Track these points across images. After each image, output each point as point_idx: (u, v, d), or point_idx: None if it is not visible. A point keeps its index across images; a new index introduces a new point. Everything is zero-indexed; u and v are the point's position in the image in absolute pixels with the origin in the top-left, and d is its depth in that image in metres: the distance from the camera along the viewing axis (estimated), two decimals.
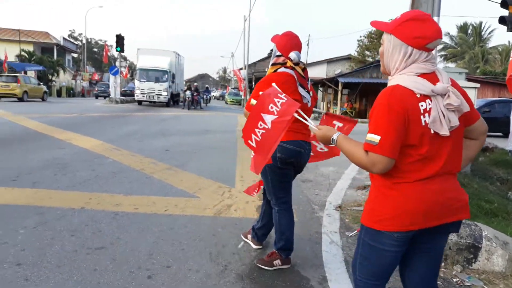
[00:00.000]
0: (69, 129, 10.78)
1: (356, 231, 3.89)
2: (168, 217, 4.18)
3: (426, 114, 1.61)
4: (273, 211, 3.17)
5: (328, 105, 31.61)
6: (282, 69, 2.97)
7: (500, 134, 15.59)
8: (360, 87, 25.26)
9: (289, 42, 3.01)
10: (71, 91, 45.15)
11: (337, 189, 5.80)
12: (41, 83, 29.41)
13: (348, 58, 36.69)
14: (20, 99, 24.44)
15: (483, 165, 9.26)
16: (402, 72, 1.68)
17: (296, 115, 2.25)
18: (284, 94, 2.38)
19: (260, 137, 2.35)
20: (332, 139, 1.84)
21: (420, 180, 1.66)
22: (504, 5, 8.77)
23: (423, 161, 1.65)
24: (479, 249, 3.29)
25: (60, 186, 5.14)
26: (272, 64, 3.08)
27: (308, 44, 39.38)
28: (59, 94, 41.38)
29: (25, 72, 33.18)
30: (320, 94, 36.00)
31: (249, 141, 2.38)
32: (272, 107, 2.32)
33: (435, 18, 4.10)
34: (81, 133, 10.06)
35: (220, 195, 5.11)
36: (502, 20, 8.86)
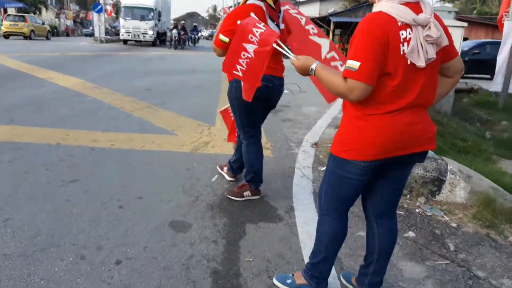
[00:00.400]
0: (50, 68, 10.53)
1: None
2: (144, 153, 4.22)
3: (406, 43, 1.59)
4: (242, 145, 3.22)
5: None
6: (251, 1, 2.88)
7: (488, 76, 15.57)
8: (352, 27, 24.69)
9: None
10: (55, 30, 43.49)
11: (316, 128, 5.85)
12: (45, 23, 30.62)
13: None
14: (27, 37, 25.54)
15: (466, 106, 9.36)
16: (387, 0, 1.64)
17: (275, 45, 2.21)
18: (262, 24, 2.34)
19: (245, 66, 2.35)
20: (311, 68, 1.79)
21: (391, 111, 1.66)
22: None
23: (396, 92, 1.64)
24: (443, 182, 3.41)
25: (38, 123, 5.12)
26: None
27: None
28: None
29: (5, 10, 31.80)
30: None
31: (234, 71, 2.37)
32: (252, 37, 2.28)
33: None
34: (62, 72, 9.86)
35: (199, 133, 5.14)
36: None
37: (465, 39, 22.87)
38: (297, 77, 2.35)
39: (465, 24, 7.42)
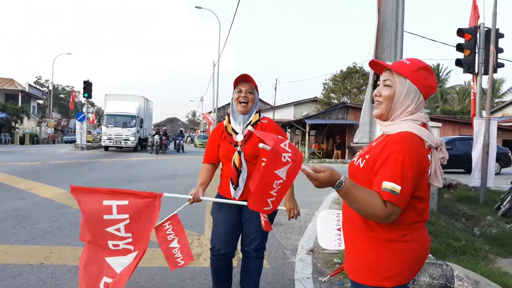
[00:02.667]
0: (30, 177, 10.38)
1: (328, 276, 3.81)
2: None
3: (429, 166, 1.61)
4: (255, 262, 3.00)
5: (297, 146, 32.03)
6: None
7: (462, 170, 16.13)
8: (326, 128, 25.83)
9: None
10: (35, 138, 43.93)
11: (308, 232, 5.73)
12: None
13: (314, 100, 37.70)
14: None
15: (448, 201, 9.47)
16: (406, 118, 1.63)
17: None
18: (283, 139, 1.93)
19: (276, 194, 1.86)
20: (340, 181, 1.52)
21: (419, 228, 1.66)
22: (459, 48, 9.34)
23: (422, 211, 1.65)
24: None
25: (18, 240, 4.85)
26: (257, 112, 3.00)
27: (275, 87, 40.30)
28: (22, 141, 40.15)
29: None
30: (288, 135, 36.51)
31: (265, 208, 1.87)
32: (285, 157, 1.82)
33: None
34: (43, 182, 9.69)
35: (189, 244, 4.93)
36: (458, 62, 9.41)
37: None
38: None
39: (440, 124, 7.85)
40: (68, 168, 13.77)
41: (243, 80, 2.86)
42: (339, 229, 2.29)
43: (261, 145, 1.68)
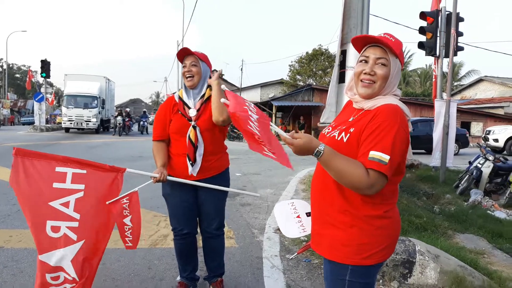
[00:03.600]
0: None
1: (296, 254, 3.87)
2: None
3: None
4: (214, 238, 3.00)
5: None
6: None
7: (423, 151, 16.70)
8: (292, 110, 26.01)
9: None
10: None
11: None
12: None
13: (280, 82, 37.74)
14: None
15: (410, 181, 9.78)
16: (391, 94, 1.66)
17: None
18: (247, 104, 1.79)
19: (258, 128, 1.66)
20: (318, 150, 1.49)
21: (395, 203, 1.68)
22: (421, 31, 9.52)
23: (397, 186, 1.68)
24: (413, 264, 3.39)
25: None
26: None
27: (241, 69, 40.05)
28: None
29: None
30: None
31: (249, 127, 1.64)
32: (248, 110, 1.71)
33: None
34: (1, 165, 9.26)
35: (156, 225, 4.89)
36: (421, 45, 9.61)
37: None
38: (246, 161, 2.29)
39: None
40: None
41: (185, 53, 2.77)
42: (298, 216, 2.30)
43: (222, 100, 1.63)
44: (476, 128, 27.88)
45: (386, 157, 1.47)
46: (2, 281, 3.17)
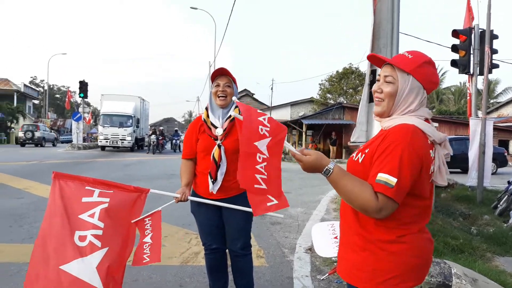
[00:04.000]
0: (27, 177, 10.33)
1: (327, 274, 3.82)
2: (131, 268, 3.93)
3: (433, 163, 1.53)
4: (240, 259, 3.00)
5: (294, 146, 32.12)
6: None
7: (459, 170, 16.21)
8: (323, 128, 25.88)
9: None
10: None
11: (306, 230, 5.73)
12: None
13: (310, 100, 37.73)
14: None
15: (445, 201, 9.50)
16: (412, 114, 1.56)
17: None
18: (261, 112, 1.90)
19: (266, 173, 1.79)
20: (327, 168, 1.49)
21: (420, 230, 1.56)
22: (454, 49, 9.39)
23: (424, 211, 1.56)
24: (449, 287, 3.29)
25: (14, 238, 4.83)
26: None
27: (271, 88, 40.31)
28: (18, 141, 39.92)
29: None
30: None
31: (256, 185, 1.80)
32: (262, 129, 1.78)
33: None
34: (40, 181, 9.64)
35: (187, 242, 4.95)
36: (453, 63, 9.46)
37: None
38: None
39: (436, 124, 7.85)
40: (65, 168, 13.71)
41: (221, 74, 2.85)
42: (335, 237, 2.29)
43: (232, 113, 1.69)
44: None
45: (393, 180, 1.41)
46: None
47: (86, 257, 2.42)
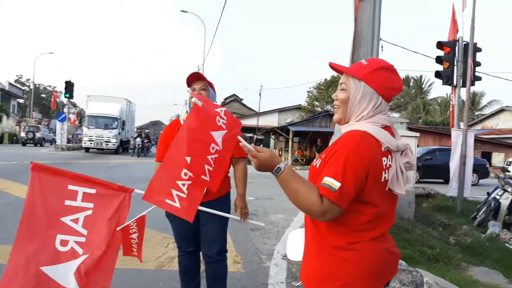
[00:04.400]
0: (6, 177, 10.17)
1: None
2: None
3: (387, 170, 1.50)
4: (215, 264, 2.99)
5: (280, 152, 32.14)
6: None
7: (442, 180, 16.40)
8: (310, 135, 26.02)
9: None
10: (14, 138, 43.06)
11: (285, 237, 5.72)
12: None
13: (298, 108, 37.90)
14: None
15: (426, 210, 9.61)
16: (368, 121, 1.54)
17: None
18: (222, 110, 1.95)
19: (213, 165, 1.85)
20: (278, 167, 1.51)
21: (374, 238, 1.52)
22: (438, 61, 9.54)
23: (377, 219, 1.52)
24: None
25: None
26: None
27: (260, 94, 40.40)
28: (0, 140, 39.31)
29: None
30: (271, 142, 36.64)
31: (202, 176, 1.85)
32: (219, 120, 1.83)
33: None
34: (19, 182, 9.48)
35: (164, 247, 4.90)
36: (437, 74, 9.61)
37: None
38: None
39: (418, 134, 7.99)
40: None
41: (196, 78, 2.83)
42: None
43: (193, 99, 1.69)
44: (497, 158, 27.31)
45: (336, 184, 1.40)
46: None
47: (66, 263, 2.38)
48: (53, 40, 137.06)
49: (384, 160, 1.49)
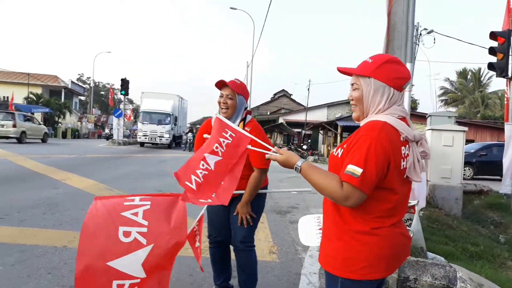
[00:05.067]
0: (66, 169, 10.91)
1: None
2: None
3: (405, 159, 1.61)
4: (244, 253, 3.11)
5: (329, 148, 31.83)
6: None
7: (499, 177, 15.54)
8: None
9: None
10: (77, 133, 45.83)
11: None
12: (41, 123, 27.80)
13: (347, 102, 37.23)
14: (19, 140, 21.68)
15: (477, 208, 9.21)
16: (385, 113, 1.65)
17: (249, 146, 2.16)
18: (229, 133, 2.23)
19: (201, 179, 2.17)
20: (296, 166, 1.70)
21: (393, 224, 1.64)
22: (492, 52, 9.08)
23: (397, 206, 1.64)
24: None
25: (46, 224, 5.19)
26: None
27: (308, 88, 40.13)
28: (64, 135, 41.97)
29: (32, 114, 33.95)
30: (320, 137, 36.34)
31: (187, 182, 2.18)
32: (217, 147, 2.18)
33: (408, 65, 4.29)
34: (77, 174, 10.17)
35: (205, 236, 5.11)
36: (491, 66, 9.16)
37: (471, 141, 23.30)
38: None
39: (466, 128, 7.67)
40: (102, 162, 14.35)
41: (223, 85, 2.92)
42: (320, 229, 2.39)
43: (219, 115, 1.95)
44: None
45: (358, 170, 1.51)
46: (60, 275, 3.55)
47: (130, 254, 2.39)
48: (111, 40, 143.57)
49: (403, 149, 1.61)
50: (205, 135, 2.62)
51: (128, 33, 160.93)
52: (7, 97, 36.26)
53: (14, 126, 21.34)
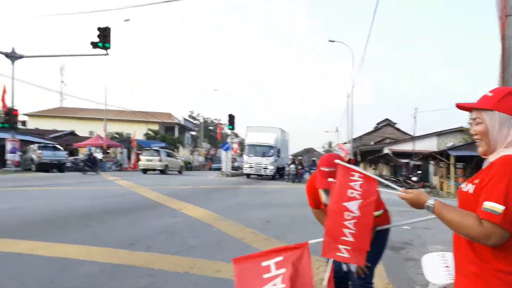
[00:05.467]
0: (182, 199, 11.77)
1: None
2: None
3: None
4: None
5: (441, 180, 29.62)
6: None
7: None
8: (474, 161, 23.40)
9: None
10: (189, 165, 49.22)
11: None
12: (178, 158, 33.69)
13: (460, 130, 34.52)
14: (162, 172, 28.08)
15: None
16: (509, 147, 1.61)
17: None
18: (358, 171, 2.23)
19: (354, 228, 2.14)
20: (428, 204, 1.65)
21: None
22: None
23: None
24: None
25: (169, 251, 5.64)
26: None
27: (414, 117, 38.24)
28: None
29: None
30: (431, 167, 34.00)
31: (343, 238, 2.15)
32: (352, 193, 2.14)
33: None
34: (192, 203, 10.90)
35: (315, 269, 5.09)
36: None
37: None
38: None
39: None
40: (214, 192, 15.21)
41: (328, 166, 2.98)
42: (446, 266, 2.29)
43: (330, 179, 1.98)
44: None
45: (499, 207, 1.45)
46: None
47: None
48: (216, 79, 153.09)
49: None
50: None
51: (230, 73, 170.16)
52: (129, 133, 40.64)
53: (160, 161, 27.95)
